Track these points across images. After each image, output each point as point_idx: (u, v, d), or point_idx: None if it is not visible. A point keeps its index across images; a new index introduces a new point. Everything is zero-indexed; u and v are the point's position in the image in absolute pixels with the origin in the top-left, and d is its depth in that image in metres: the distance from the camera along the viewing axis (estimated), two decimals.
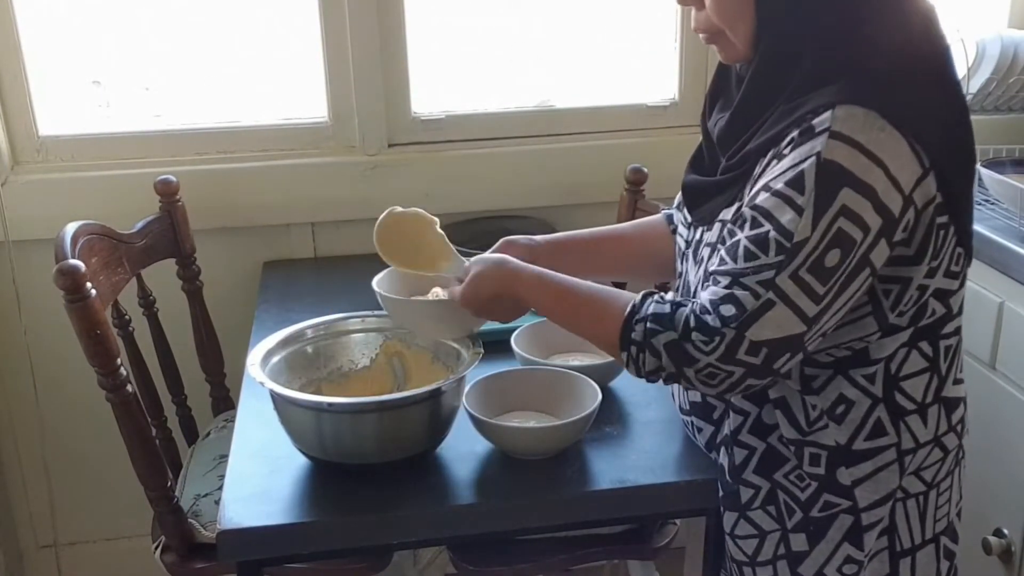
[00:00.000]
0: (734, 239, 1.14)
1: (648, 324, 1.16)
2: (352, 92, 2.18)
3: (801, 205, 1.09)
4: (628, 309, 1.19)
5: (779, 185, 1.11)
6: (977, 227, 1.67)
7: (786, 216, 1.10)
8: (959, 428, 1.28)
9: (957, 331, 1.25)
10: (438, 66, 2.26)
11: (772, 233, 1.10)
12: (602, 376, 1.54)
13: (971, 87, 2.29)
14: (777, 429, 1.26)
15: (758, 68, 1.19)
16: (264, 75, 2.22)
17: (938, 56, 1.18)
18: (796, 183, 1.10)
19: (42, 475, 2.30)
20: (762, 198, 1.13)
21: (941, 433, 1.26)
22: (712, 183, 1.26)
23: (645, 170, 2.10)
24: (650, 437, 1.48)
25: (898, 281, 1.17)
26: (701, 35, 1.25)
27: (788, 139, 1.13)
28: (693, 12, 1.24)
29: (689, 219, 1.34)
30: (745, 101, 1.22)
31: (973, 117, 1.21)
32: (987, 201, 2.00)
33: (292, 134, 2.22)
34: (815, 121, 1.10)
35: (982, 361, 1.89)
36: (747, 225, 1.13)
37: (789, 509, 1.28)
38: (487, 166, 2.26)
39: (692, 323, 1.13)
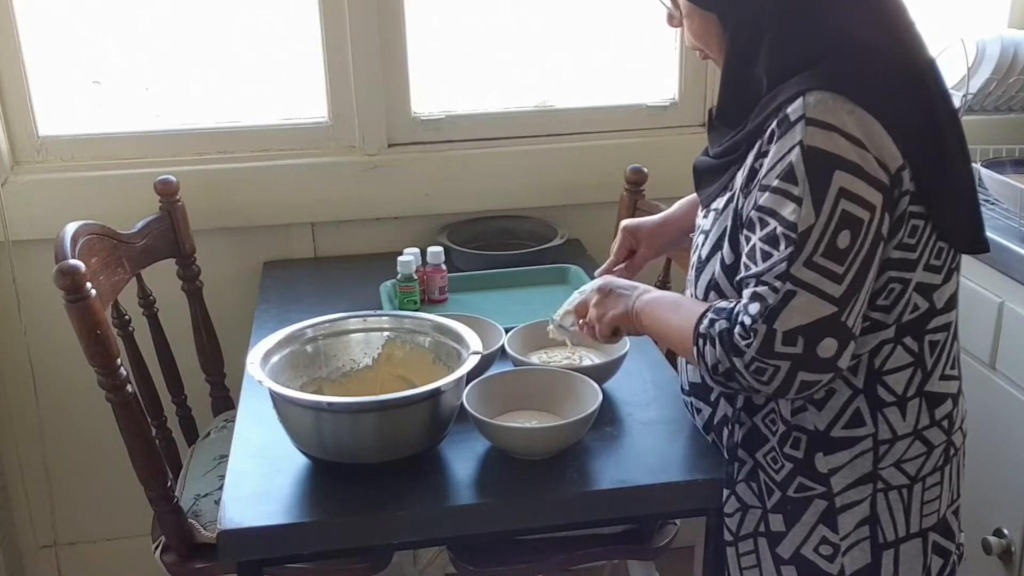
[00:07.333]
0: (750, 244, 1.19)
1: (711, 314, 1.22)
2: (352, 92, 2.18)
3: (798, 195, 1.14)
4: (703, 309, 1.25)
5: (774, 182, 1.16)
6: None
7: (787, 209, 1.14)
8: (945, 424, 1.29)
9: (946, 327, 1.27)
10: (438, 66, 2.26)
11: (779, 229, 1.15)
12: (600, 375, 1.54)
13: (971, 87, 2.29)
14: (763, 409, 1.30)
15: (724, 68, 1.27)
16: (264, 75, 2.21)
17: (909, 55, 1.21)
18: (789, 176, 1.14)
19: (42, 475, 2.30)
20: (763, 198, 1.17)
21: (922, 427, 1.27)
22: (712, 165, 1.32)
23: (645, 170, 2.10)
24: (650, 437, 1.48)
25: None
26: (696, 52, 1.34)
27: (768, 132, 1.18)
28: (685, 30, 1.32)
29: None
30: (721, 99, 1.30)
31: (973, 117, 1.23)
32: (987, 201, 1.99)
33: (292, 134, 2.22)
34: (789, 110, 1.15)
35: (982, 361, 1.89)
36: (757, 227, 1.18)
37: (768, 489, 1.31)
38: (487, 166, 2.26)
39: (737, 319, 1.17)
